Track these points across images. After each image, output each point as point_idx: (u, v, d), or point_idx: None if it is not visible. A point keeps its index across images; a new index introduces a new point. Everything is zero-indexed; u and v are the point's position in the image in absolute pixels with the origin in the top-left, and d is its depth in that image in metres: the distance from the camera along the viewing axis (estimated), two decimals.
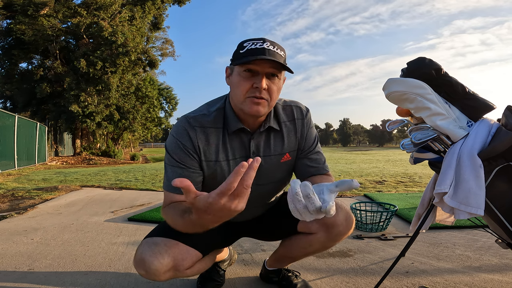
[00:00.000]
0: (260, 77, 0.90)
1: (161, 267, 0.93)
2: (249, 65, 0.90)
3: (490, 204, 1.05)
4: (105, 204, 3.24)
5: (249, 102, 0.92)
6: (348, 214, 1.04)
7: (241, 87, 0.92)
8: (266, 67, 0.90)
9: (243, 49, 0.91)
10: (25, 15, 13.02)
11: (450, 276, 1.41)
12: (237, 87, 0.94)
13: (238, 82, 0.93)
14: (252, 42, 0.91)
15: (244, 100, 0.93)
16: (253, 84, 0.91)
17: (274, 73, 0.92)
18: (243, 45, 0.92)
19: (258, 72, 0.91)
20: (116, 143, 19.87)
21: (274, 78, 0.93)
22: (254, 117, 0.97)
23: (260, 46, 0.90)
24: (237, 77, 0.94)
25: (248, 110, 0.93)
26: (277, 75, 0.93)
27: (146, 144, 69.08)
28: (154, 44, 21.86)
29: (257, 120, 1.01)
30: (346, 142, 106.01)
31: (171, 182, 0.96)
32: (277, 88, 0.95)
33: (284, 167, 1.10)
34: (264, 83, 0.90)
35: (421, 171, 6.32)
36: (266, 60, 0.89)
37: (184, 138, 0.97)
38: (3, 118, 8.35)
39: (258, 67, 0.90)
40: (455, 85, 1.14)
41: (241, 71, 0.92)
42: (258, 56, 0.87)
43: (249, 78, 0.91)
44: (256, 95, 0.91)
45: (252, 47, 0.90)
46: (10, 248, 1.85)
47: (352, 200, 3.38)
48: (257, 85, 0.90)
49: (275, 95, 0.95)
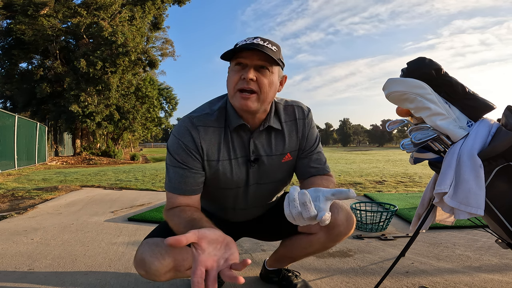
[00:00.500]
0: (247, 69, 0.92)
1: (162, 267, 0.93)
2: (238, 58, 0.92)
3: (490, 204, 1.05)
4: (105, 204, 3.24)
5: (238, 96, 0.93)
6: (349, 215, 1.04)
7: (231, 80, 0.94)
8: (255, 59, 0.91)
9: (236, 46, 0.93)
10: (25, 15, 13.02)
11: (450, 276, 1.41)
12: (228, 82, 0.96)
13: (229, 76, 0.96)
14: (244, 40, 0.94)
15: (234, 94, 0.94)
16: (241, 76, 0.92)
17: (264, 65, 0.93)
18: (237, 43, 0.95)
19: (247, 65, 0.92)
20: (116, 143, 19.87)
21: (264, 70, 0.93)
22: (246, 112, 0.98)
23: (250, 42, 0.92)
24: (230, 73, 0.96)
25: (237, 105, 0.94)
26: (268, 68, 0.94)
27: (146, 144, 69.09)
28: (154, 44, 21.90)
29: (256, 118, 1.01)
30: (346, 142, 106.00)
31: (173, 185, 0.98)
32: (268, 82, 0.94)
33: (285, 167, 1.09)
34: (252, 74, 0.91)
35: (421, 171, 6.32)
36: (253, 52, 0.90)
37: (186, 138, 0.97)
38: (3, 118, 8.35)
39: (247, 60, 0.92)
40: (455, 85, 1.14)
41: (233, 65, 0.94)
42: (247, 47, 0.89)
43: (238, 71, 0.93)
44: (243, 86, 0.92)
45: (243, 43, 0.92)
46: (10, 248, 1.85)
47: (352, 200, 3.38)
48: (244, 76, 0.91)
49: (266, 88, 0.94)
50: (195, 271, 0.63)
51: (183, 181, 0.97)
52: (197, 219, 0.86)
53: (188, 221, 0.86)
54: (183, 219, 0.88)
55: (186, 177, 0.97)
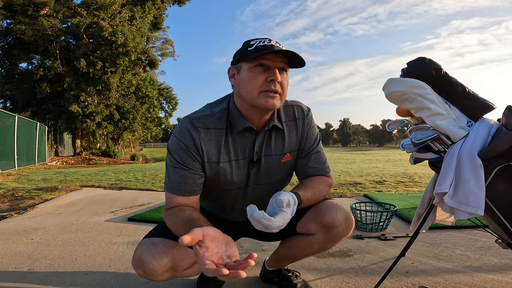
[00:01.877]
0: (273, 70, 0.92)
1: (159, 267, 0.94)
2: (261, 60, 0.91)
3: (490, 204, 1.05)
4: (105, 204, 3.24)
5: (263, 96, 0.92)
6: (348, 215, 1.04)
7: (254, 82, 0.92)
8: (278, 62, 0.92)
9: (251, 46, 0.93)
10: (25, 15, 13.01)
11: (450, 276, 1.41)
12: (248, 83, 0.93)
13: (250, 78, 0.93)
14: (259, 40, 0.94)
15: (258, 95, 0.93)
16: (267, 78, 0.91)
17: (285, 67, 0.94)
18: (250, 43, 0.94)
19: (270, 67, 0.92)
20: (116, 143, 19.86)
21: (284, 73, 0.95)
22: (266, 112, 0.98)
23: (268, 43, 0.92)
24: (247, 74, 0.93)
25: (264, 104, 0.93)
26: (286, 70, 0.96)
27: (146, 144, 69.08)
28: (154, 44, 21.88)
29: (264, 118, 1.01)
30: (346, 142, 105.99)
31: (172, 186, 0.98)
32: (287, 83, 0.97)
33: (284, 167, 1.09)
34: (279, 76, 0.92)
35: (421, 171, 6.32)
36: (277, 55, 0.91)
37: (186, 139, 0.97)
38: (3, 118, 8.35)
39: (270, 61, 0.92)
40: (455, 85, 1.14)
41: (252, 67, 0.93)
42: (271, 50, 0.89)
43: (261, 73, 0.92)
44: (271, 88, 0.92)
45: (261, 44, 0.92)
46: (10, 248, 1.85)
47: (352, 200, 3.38)
48: (272, 78, 0.91)
49: (286, 89, 0.97)
50: (204, 265, 0.64)
51: (183, 181, 0.97)
52: (196, 219, 0.86)
53: (186, 221, 0.86)
54: (181, 218, 0.89)
55: (185, 178, 0.97)
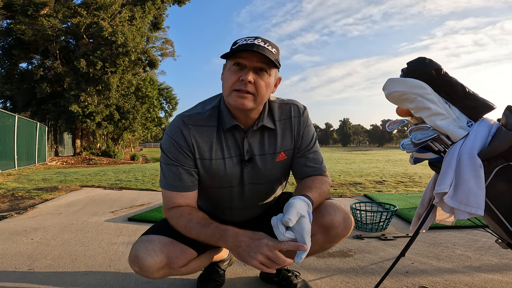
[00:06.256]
0: (246, 70, 0.91)
1: (155, 264, 0.94)
2: (237, 58, 0.91)
3: (490, 204, 1.05)
4: (105, 204, 3.24)
5: (234, 95, 0.93)
6: (347, 216, 1.04)
7: (228, 80, 0.94)
8: (254, 61, 0.91)
9: (235, 45, 0.93)
10: (25, 15, 13.01)
11: (450, 276, 1.41)
12: (225, 81, 0.96)
13: (227, 76, 0.95)
14: (245, 39, 0.93)
15: (230, 94, 0.94)
16: (239, 77, 0.91)
17: (263, 67, 0.92)
18: (236, 41, 0.94)
19: (246, 66, 0.91)
20: (116, 143, 19.86)
21: (262, 73, 0.93)
22: (241, 111, 0.97)
23: (250, 42, 0.91)
24: (226, 72, 0.96)
25: (233, 103, 0.94)
26: (266, 71, 0.93)
27: (146, 144, 69.09)
28: (154, 44, 21.89)
29: (249, 117, 1.01)
30: (346, 142, 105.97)
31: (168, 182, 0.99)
32: (265, 84, 0.94)
33: (279, 166, 1.09)
34: (250, 76, 0.90)
35: (421, 171, 6.31)
36: (253, 54, 0.90)
37: (178, 136, 0.98)
38: (3, 118, 8.35)
39: (246, 60, 0.91)
40: (455, 85, 1.14)
41: (231, 65, 0.94)
42: (246, 49, 0.89)
43: (236, 72, 0.92)
44: (241, 88, 0.91)
45: (243, 43, 0.92)
46: (10, 248, 1.85)
47: (352, 200, 3.38)
48: (242, 78, 0.91)
49: (263, 90, 0.94)
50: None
51: (177, 177, 0.98)
52: (211, 222, 0.94)
53: (199, 223, 0.93)
54: (195, 222, 0.94)
55: (179, 174, 0.98)
